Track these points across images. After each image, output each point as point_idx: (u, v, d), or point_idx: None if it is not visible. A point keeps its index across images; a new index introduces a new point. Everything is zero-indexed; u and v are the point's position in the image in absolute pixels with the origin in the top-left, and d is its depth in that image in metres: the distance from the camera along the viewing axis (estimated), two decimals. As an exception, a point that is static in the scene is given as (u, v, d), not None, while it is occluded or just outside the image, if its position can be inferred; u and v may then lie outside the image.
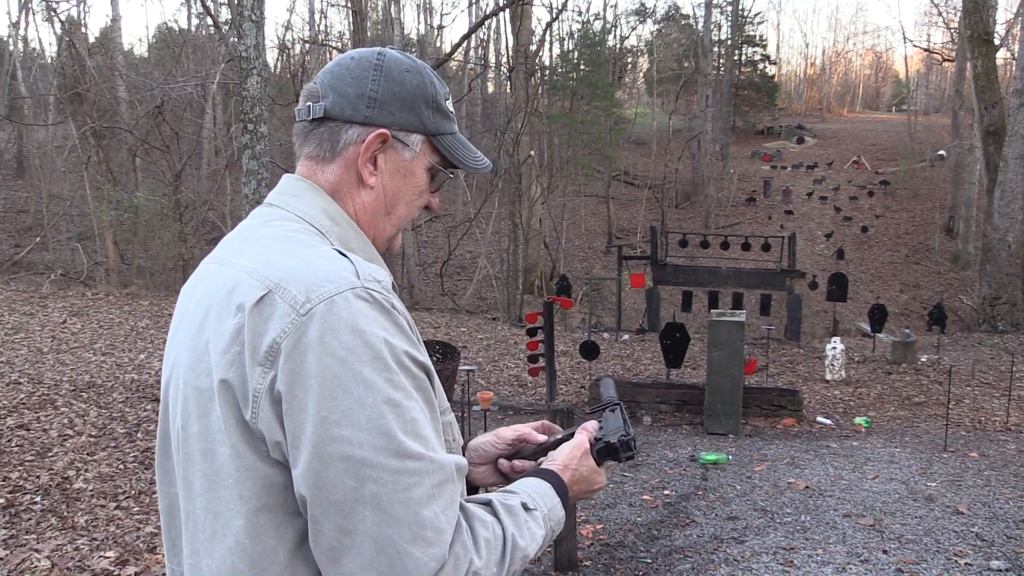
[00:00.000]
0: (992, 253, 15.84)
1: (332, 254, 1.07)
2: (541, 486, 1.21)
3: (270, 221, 1.16)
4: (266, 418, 0.99)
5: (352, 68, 1.19)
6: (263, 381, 0.98)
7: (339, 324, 0.97)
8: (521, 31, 20.46)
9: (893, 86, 74.97)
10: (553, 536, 1.19)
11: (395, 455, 0.96)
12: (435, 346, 8.84)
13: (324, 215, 1.17)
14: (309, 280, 1.01)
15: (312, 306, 0.98)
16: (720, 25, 44.25)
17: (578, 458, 1.29)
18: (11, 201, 25.47)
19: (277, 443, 0.99)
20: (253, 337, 0.99)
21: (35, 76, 27.89)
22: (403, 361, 1.01)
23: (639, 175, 36.70)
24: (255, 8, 7.62)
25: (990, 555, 4.61)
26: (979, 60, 16.63)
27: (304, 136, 1.22)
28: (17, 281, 15.74)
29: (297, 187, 1.20)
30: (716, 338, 8.08)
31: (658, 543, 4.96)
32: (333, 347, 0.96)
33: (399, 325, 1.03)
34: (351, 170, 1.19)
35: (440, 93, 1.24)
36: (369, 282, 1.03)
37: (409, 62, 1.22)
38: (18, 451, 5.66)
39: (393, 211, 1.24)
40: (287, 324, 0.98)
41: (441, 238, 25.17)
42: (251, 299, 1.01)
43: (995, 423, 8.47)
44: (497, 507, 1.11)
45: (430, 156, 1.24)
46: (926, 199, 33.96)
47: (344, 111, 1.18)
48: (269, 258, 1.07)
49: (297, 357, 0.97)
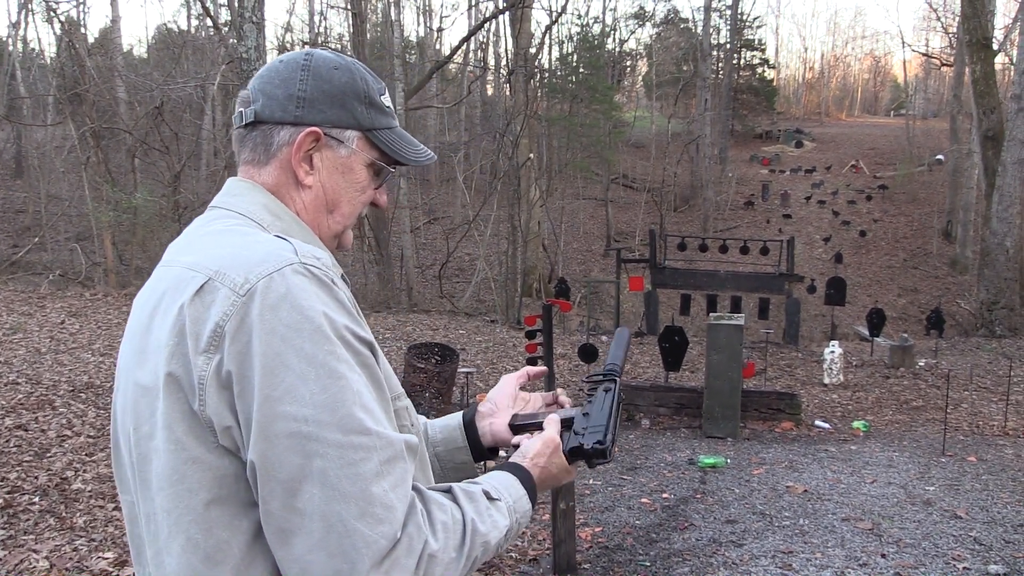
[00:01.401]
0: (990, 257, 15.86)
1: (271, 238, 1.07)
2: (506, 478, 1.19)
3: (212, 220, 1.16)
4: (214, 404, 0.97)
5: (280, 70, 1.19)
6: (207, 367, 0.97)
7: (278, 300, 0.97)
8: (520, 34, 20.48)
9: (892, 90, 75.08)
10: (519, 530, 1.17)
11: (340, 429, 0.95)
12: (434, 348, 8.84)
13: (265, 210, 1.16)
14: (247, 263, 1.01)
15: (251, 286, 0.98)
16: (719, 29, 44.35)
17: (547, 455, 1.26)
18: (10, 201, 25.44)
19: (227, 428, 0.97)
20: (195, 325, 0.98)
21: (34, 76, 27.88)
22: (344, 336, 0.99)
23: (638, 178, 36.71)
24: (256, 10, 7.63)
25: (988, 559, 4.62)
26: (978, 65, 16.67)
27: (240, 142, 1.22)
28: (15, 281, 15.73)
29: (237, 187, 1.20)
30: (715, 341, 8.09)
31: (657, 546, 4.96)
32: (273, 323, 0.96)
33: (339, 300, 1.02)
34: (287, 171, 1.19)
35: (373, 88, 1.23)
36: (308, 258, 1.02)
37: (338, 60, 1.21)
38: (16, 451, 5.65)
39: (336, 209, 1.23)
40: (228, 306, 0.97)
41: (440, 240, 25.16)
42: (191, 289, 1.01)
43: (993, 427, 8.49)
44: (457, 493, 1.09)
45: (368, 152, 1.23)
46: (924, 203, 34.01)
47: (274, 113, 1.18)
48: (208, 250, 1.07)
49: (242, 337, 0.96)
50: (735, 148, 43.57)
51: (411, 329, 13.17)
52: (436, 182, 32.35)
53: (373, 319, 14.02)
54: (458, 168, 26.41)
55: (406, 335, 12.42)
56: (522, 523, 1.17)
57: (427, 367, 8.07)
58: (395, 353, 10.86)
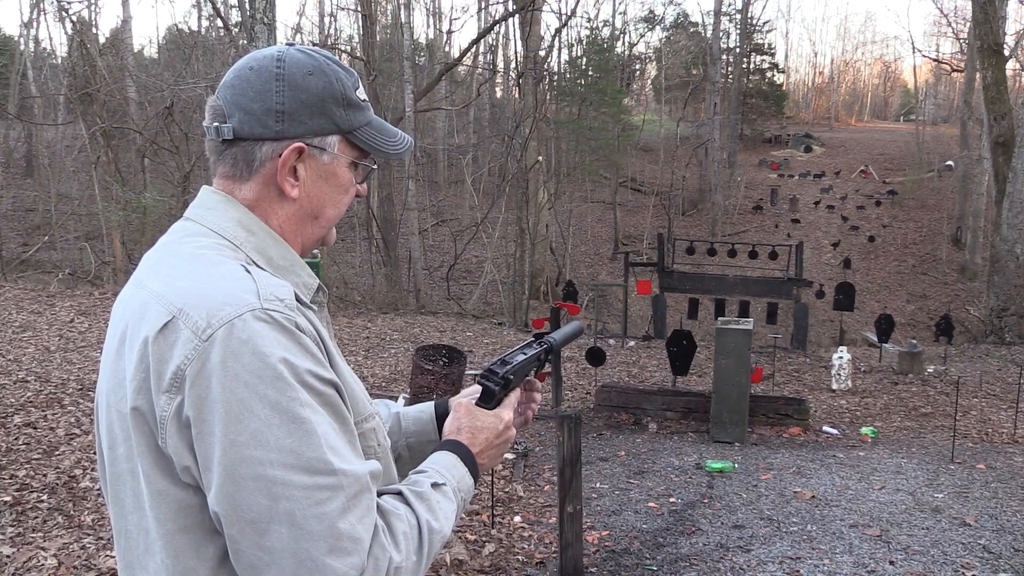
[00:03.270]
0: (1000, 264, 15.78)
1: (235, 272, 1.07)
2: (447, 458, 1.23)
3: (184, 238, 1.16)
4: (174, 443, 1.00)
5: (253, 81, 1.15)
6: (169, 407, 0.99)
7: (240, 347, 0.98)
8: (530, 37, 20.50)
9: (901, 96, 74.88)
10: (464, 506, 1.21)
11: (306, 471, 0.98)
12: (441, 350, 8.84)
13: (238, 226, 1.15)
14: (210, 304, 1.01)
15: (213, 331, 0.99)
16: (729, 33, 44.27)
17: (462, 416, 1.31)
18: (20, 200, 25.56)
19: (186, 467, 1.01)
20: (158, 364, 1.00)
21: (46, 76, 28.05)
22: (306, 380, 1.01)
23: (646, 182, 36.68)
24: (267, 11, 7.65)
25: (997, 567, 4.59)
26: (988, 71, 16.60)
27: (217, 155, 1.19)
28: (25, 280, 15.81)
29: (212, 200, 1.19)
30: (723, 346, 8.07)
31: (664, 551, 4.95)
32: (236, 370, 0.97)
33: (301, 344, 1.03)
34: (270, 185, 1.17)
35: (348, 86, 1.20)
36: (269, 302, 1.02)
37: (310, 62, 1.17)
38: (25, 449, 5.67)
39: (321, 215, 1.22)
40: (190, 351, 0.99)
41: (447, 242, 25.18)
42: (155, 326, 1.02)
43: (1002, 435, 8.44)
44: (408, 496, 1.12)
45: (349, 152, 1.22)
46: (934, 209, 33.89)
47: (254, 129, 1.15)
48: (175, 280, 1.07)
49: (202, 383, 0.98)
50: (744, 152, 43.51)
51: (418, 331, 13.17)
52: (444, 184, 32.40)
53: (381, 320, 14.04)
54: (466, 170, 26.44)
55: (413, 337, 12.43)
56: (466, 500, 1.22)
57: (434, 369, 8.06)
58: (402, 355, 10.87)
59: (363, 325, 13.25)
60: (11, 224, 23.39)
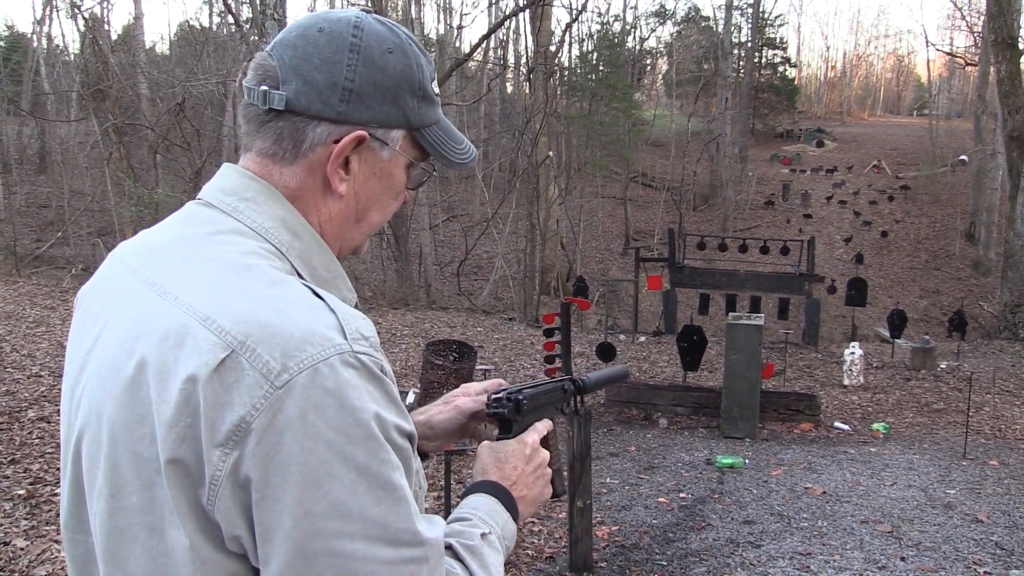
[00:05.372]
0: (1014, 259, 15.68)
1: (307, 299, 0.87)
2: (487, 503, 1.10)
3: (216, 235, 0.94)
4: (225, 508, 0.81)
5: (322, 46, 0.96)
6: (224, 464, 0.80)
7: (324, 399, 0.80)
8: (541, 32, 20.48)
9: (915, 90, 74.45)
10: (508, 552, 1.10)
11: (391, 544, 0.83)
12: (452, 345, 8.85)
13: (284, 228, 0.96)
14: (285, 340, 0.81)
15: (291, 377, 0.80)
16: (740, 27, 44.17)
17: (483, 455, 1.17)
18: (33, 196, 25.74)
19: (235, 537, 0.82)
20: (212, 410, 0.80)
21: (58, 72, 28.19)
22: (393, 437, 0.85)
23: (657, 177, 36.60)
24: (277, 7, 7.67)
25: (1009, 564, 4.57)
26: (1003, 64, 16.47)
27: (257, 125, 0.98)
28: (38, 275, 15.92)
29: (249, 188, 0.98)
30: (734, 341, 8.05)
31: (674, 546, 4.94)
32: (318, 428, 0.79)
33: (390, 394, 0.87)
34: (317, 174, 0.98)
35: (427, 74, 1.03)
36: (357, 342, 0.85)
37: (392, 37, 0.99)
38: (39, 443, 5.72)
39: (364, 218, 1.04)
40: (258, 399, 0.79)
41: (458, 238, 25.20)
42: (207, 362, 0.81)
43: (1015, 431, 8.39)
44: (460, 551, 1.00)
45: (410, 152, 1.04)
46: (947, 204, 33.67)
47: (312, 104, 0.95)
48: (226, 299, 0.85)
49: (272, 438, 0.79)
50: (755, 147, 43.33)
51: (429, 326, 13.20)
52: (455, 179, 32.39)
53: (391, 316, 14.08)
54: (477, 166, 26.41)
55: (424, 332, 12.45)
56: (510, 546, 1.10)
57: (444, 364, 8.08)
58: (413, 350, 10.89)
59: (374, 320, 13.20)
60: (25, 220, 23.54)
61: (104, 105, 19.19)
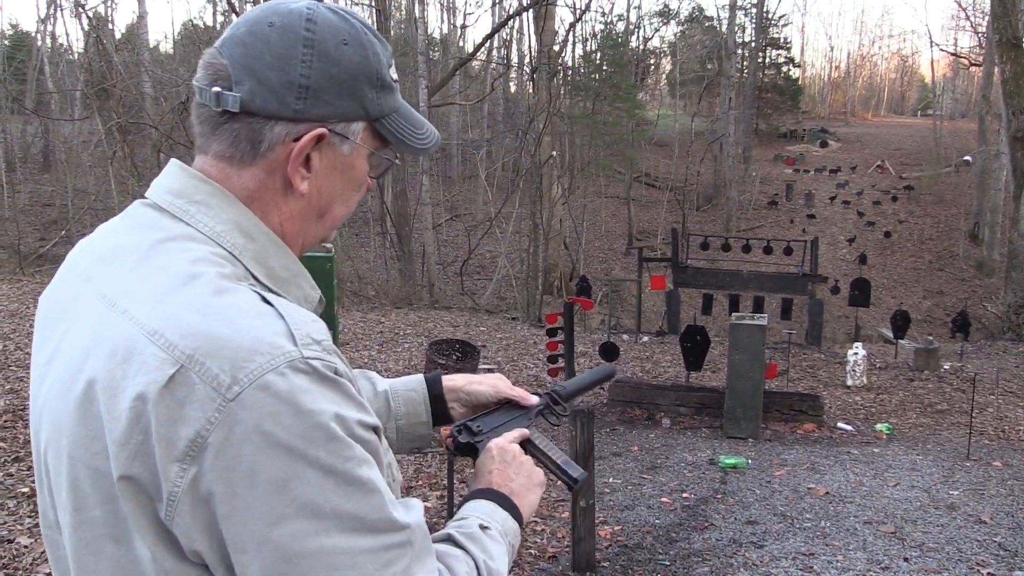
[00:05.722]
0: (1018, 260, 15.64)
1: (255, 306, 0.85)
2: (484, 505, 1.12)
3: (165, 242, 0.91)
4: (184, 523, 0.80)
5: (274, 43, 0.92)
6: (182, 480, 0.79)
7: (279, 407, 0.79)
8: (544, 31, 20.46)
9: (919, 90, 74.37)
10: (514, 551, 1.10)
11: (370, 532, 0.83)
12: (455, 344, 8.86)
13: (237, 231, 0.93)
14: (233, 351, 0.80)
15: (241, 389, 0.78)
16: (744, 27, 44.12)
17: (501, 463, 1.19)
18: (37, 195, 25.78)
19: (195, 551, 0.82)
20: (166, 427, 0.79)
21: (62, 71, 28.22)
22: (356, 432, 0.84)
23: (660, 177, 36.60)
24: (281, 6, 7.68)
25: (1013, 565, 4.56)
26: (1007, 65, 16.43)
27: (212, 128, 0.95)
28: (42, 274, 15.94)
29: (200, 190, 0.94)
30: (737, 341, 8.04)
31: (676, 546, 4.94)
32: (277, 436, 0.78)
33: (346, 392, 0.85)
34: (276, 174, 0.95)
35: (384, 62, 0.99)
36: (308, 347, 0.83)
37: (346, 29, 0.96)
38: (42, 441, 5.73)
39: (328, 213, 1.02)
40: (211, 412, 0.78)
41: (461, 237, 25.21)
42: (156, 379, 0.80)
43: (1019, 432, 8.38)
44: (459, 538, 1.02)
45: (371, 142, 1.01)
46: (951, 205, 33.64)
47: (267, 105, 0.92)
48: (172, 311, 0.83)
49: (231, 452, 0.78)
50: (759, 147, 43.30)
51: (432, 325, 13.20)
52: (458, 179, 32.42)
53: (394, 315, 14.08)
54: (480, 165, 26.42)
55: (427, 331, 12.45)
56: (514, 544, 1.11)
57: (447, 363, 8.08)
58: (416, 349, 10.90)
59: (377, 319, 13.28)
60: (29, 219, 23.58)
61: (108, 104, 19.22)
